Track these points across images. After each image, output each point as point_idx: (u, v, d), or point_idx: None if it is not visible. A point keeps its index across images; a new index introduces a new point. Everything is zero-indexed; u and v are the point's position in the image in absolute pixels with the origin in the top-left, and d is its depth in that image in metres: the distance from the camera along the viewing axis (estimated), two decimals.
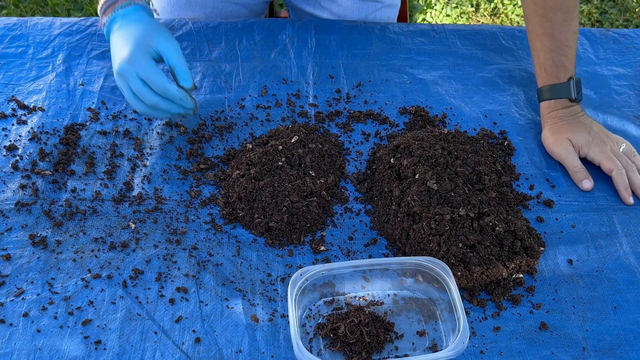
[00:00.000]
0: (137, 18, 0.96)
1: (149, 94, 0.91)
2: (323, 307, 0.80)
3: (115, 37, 0.95)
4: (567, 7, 1.01)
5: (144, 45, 0.92)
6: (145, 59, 0.91)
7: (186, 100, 0.93)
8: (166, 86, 0.91)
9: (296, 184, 0.90)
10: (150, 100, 0.91)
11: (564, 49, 1.03)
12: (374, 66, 1.17)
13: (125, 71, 0.91)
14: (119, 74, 0.92)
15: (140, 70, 0.90)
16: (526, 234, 0.86)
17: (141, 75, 0.90)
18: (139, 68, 0.91)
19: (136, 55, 0.91)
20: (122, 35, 0.94)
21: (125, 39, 0.93)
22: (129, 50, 0.91)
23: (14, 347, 0.74)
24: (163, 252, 0.85)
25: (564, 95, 1.03)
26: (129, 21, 0.96)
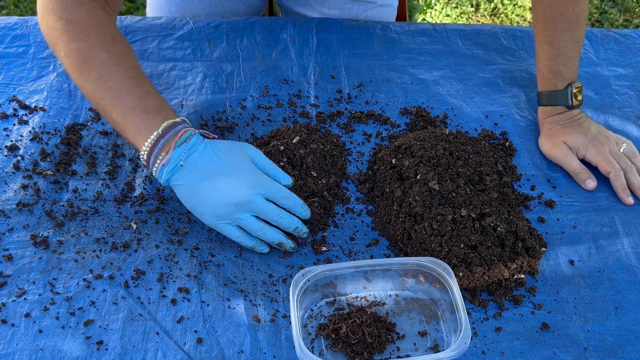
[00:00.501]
0: (210, 153, 0.83)
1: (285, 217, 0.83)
2: (325, 308, 0.80)
3: (192, 179, 0.82)
4: (569, 18, 1.00)
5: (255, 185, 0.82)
6: (269, 180, 0.84)
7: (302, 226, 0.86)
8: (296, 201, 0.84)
9: (298, 185, 0.90)
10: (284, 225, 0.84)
11: (563, 58, 1.02)
12: (375, 66, 1.17)
13: (252, 196, 0.81)
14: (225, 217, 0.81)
15: (267, 190, 0.82)
16: (527, 235, 0.86)
17: (255, 211, 0.82)
18: (265, 188, 0.82)
19: (251, 171, 0.83)
20: (206, 177, 0.82)
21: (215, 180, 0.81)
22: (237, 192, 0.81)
23: (16, 348, 0.74)
24: (165, 253, 0.85)
25: (561, 102, 1.03)
26: (204, 158, 0.83)
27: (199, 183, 0.82)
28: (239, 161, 0.84)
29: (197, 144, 0.84)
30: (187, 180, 0.83)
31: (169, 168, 0.82)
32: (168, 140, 0.83)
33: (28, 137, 0.98)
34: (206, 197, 0.82)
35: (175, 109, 1.05)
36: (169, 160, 0.82)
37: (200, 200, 0.83)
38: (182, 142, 0.83)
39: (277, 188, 0.85)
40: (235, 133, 1.03)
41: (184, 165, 0.82)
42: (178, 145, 0.82)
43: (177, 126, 0.84)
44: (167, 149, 0.82)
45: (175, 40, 1.18)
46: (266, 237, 0.84)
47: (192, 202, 0.84)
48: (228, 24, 1.22)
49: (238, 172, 0.83)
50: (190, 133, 0.84)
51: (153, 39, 1.18)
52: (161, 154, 0.83)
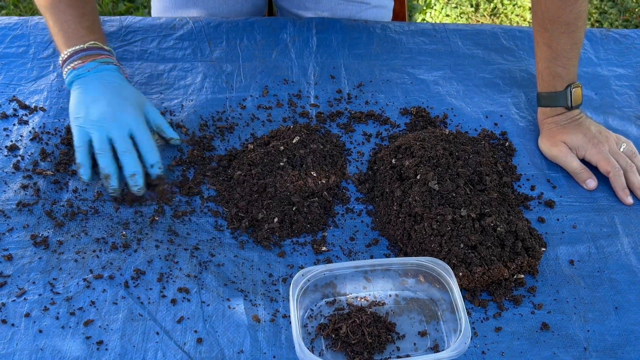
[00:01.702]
0: (117, 77, 0.96)
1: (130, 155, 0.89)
2: (324, 308, 0.80)
3: (94, 85, 0.93)
4: (567, 20, 0.99)
5: (139, 103, 0.94)
6: (143, 121, 0.92)
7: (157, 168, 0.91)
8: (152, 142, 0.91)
9: (298, 185, 0.90)
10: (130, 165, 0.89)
11: (562, 60, 1.02)
12: (375, 66, 1.17)
13: (113, 124, 0.89)
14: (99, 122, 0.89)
15: (136, 124, 0.91)
16: (527, 235, 0.86)
17: (134, 129, 0.90)
18: (135, 122, 0.91)
19: (132, 109, 0.92)
20: (106, 87, 0.93)
21: (113, 91, 0.93)
22: (124, 103, 0.91)
23: (16, 348, 0.74)
24: (165, 253, 0.85)
25: (560, 103, 1.03)
26: (111, 76, 0.95)
27: (91, 92, 0.92)
28: (135, 98, 0.94)
29: (112, 69, 0.96)
30: (84, 87, 0.93)
31: (76, 72, 0.94)
32: (89, 55, 0.96)
33: (28, 137, 0.98)
34: (87, 104, 0.91)
35: (175, 109, 1.06)
36: (82, 66, 0.94)
37: (80, 104, 0.91)
38: (101, 63, 0.95)
39: (144, 133, 0.91)
40: (235, 133, 1.03)
41: (89, 72, 0.94)
42: (96, 61, 0.95)
43: (103, 50, 0.97)
44: (84, 59, 0.95)
45: (175, 41, 1.18)
46: (100, 160, 0.89)
47: (74, 105, 0.92)
48: (228, 24, 1.22)
49: (126, 103, 0.92)
50: (109, 60, 0.97)
51: (153, 39, 1.18)
52: (76, 61, 0.95)
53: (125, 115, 0.91)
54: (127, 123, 0.90)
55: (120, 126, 0.90)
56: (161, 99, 1.07)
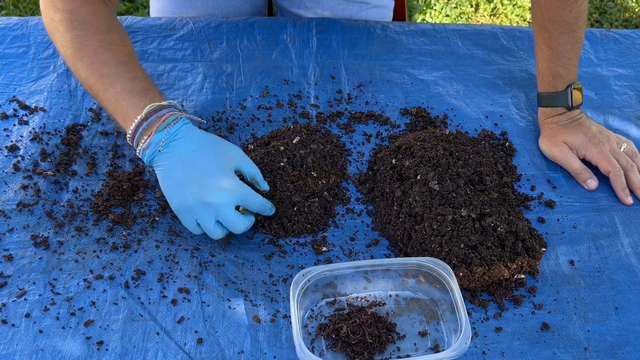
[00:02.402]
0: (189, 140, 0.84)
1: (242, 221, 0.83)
2: (325, 308, 0.80)
3: (171, 166, 0.83)
4: (567, 20, 0.99)
5: (229, 166, 0.84)
6: (245, 189, 0.83)
7: (268, 206, 0.86)
8: (264, 203, 0.85)
9: (298, 185, 0.90)
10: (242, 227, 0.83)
11: (562, 60, 1.02)
12: (375, 66, 1.17)
13: (222, 200, 0.81)
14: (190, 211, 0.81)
15: (239, 196, 0.82)
16: (528, 235, 0.86)
17: (242, 201, 0.83)
18: (238, 194, 0.82)
19: (230, 179, 0.82)
20: (183, 167, 0.82)
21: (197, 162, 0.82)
22: (218, 176, 0.82)
23: (16, 348, 0.74)
24: (165, 253, 0.85)
25: (561, 103, 1.03)
26: (184, 144, 0.83)
27: (175, 172, 0.82)
28: (221, 161, 0.84)
29: (181, 130, 0.84)
30: (166, 167, 0.83)
31: (149, 152, 0.83)
32: (151, 123, 0.83)
33: (28, 138, 0.98)
34: (178, 187, 0.82)
35: None
36: (150, 143, 0.83)
37: (173, 189, 0.83)
38: (165, 127, 0.83)
39: (252, 198, 0.84)
40: (235, 133, 1.03)
41: (162, 151, 0.83)
42: (160, 129, 0.83)
43: (162, 110, 0.84)
44: (149, 132, 0.83)
45: (176, 41, 1.18)
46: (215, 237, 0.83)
47: (165, 186, 0.84)
48: (228, 24, 1.22)
49: (216, 172, 0.82)
50: (175, 117, 0.84)
51: (153, 39, 1.18)
52: (143, 137, 0.84)
53: (221, 196, 0.81)
54: (230, 203, 0.81)
55: (224, 209, 0.81)
56: None
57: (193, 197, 0.81)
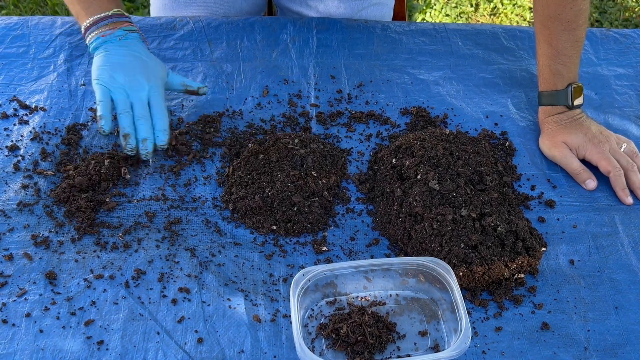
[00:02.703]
0: (142, 47, 1.01)
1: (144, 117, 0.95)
2: (325, 308, 0.80)
3: (121, 52, 0.98)
4: (567, 18, 1.00)
5: (160, 71, 0.99)
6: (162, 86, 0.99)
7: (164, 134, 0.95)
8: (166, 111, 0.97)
9: (298, 185, 0.90)
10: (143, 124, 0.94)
11: (562, 58, 1.02)
12: (375, 66, 1.18)
13: (134, 90, 0.95)
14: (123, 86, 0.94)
15: (154, 92, 0.96)
16: (528, 234, 0.86)
17: (152, 96, 0.96)
18: (154, 89, 0.96)
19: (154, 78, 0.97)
20: (132, 55, 0.98)
21: (137, 60, 0.98)
22: (147, 71, 0.97)
23: (17, 348, 0.74)
24: (165, 253, 0.85)
25: (561, 102, 1.03)
26: (136, 46, 1.00)
27: (117, 56, 0.97)
28: (156, 69, 1.00)
29: (137, 38, 1.01)
30: (110, 51, 0.97)
31: (104, 39, 0.99)
32: (117, 21, 1.00)
33: (28, 137, 0.98)
34: (111, 65, 0.96)
35: (176, 109, 1.06)
36: (113, 34, 0.99)
37: (105, 65, 0.96)
38: (128, 31, 1.00)
39: (159, 100, 0.96)
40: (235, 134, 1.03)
41: (122, 38, 0.99)
42: (123, 29, 1.00)
43: (125, 18, 1.02)
44: (113, 26, 1.00)
45: (176, 41, 1.18)
46: (121, 120, 0.93)
47: (98, 63, 0.96)
48: (228, 24, 1.22)
49: (149, 70, 0.98)
50: (133, 28, 1.02)
51: (153, 39, 1.18)
52: (104, 27, 0.99)
53: (146, 82, 0.96)
54: (147, 90, 0.96)
55: (141, 92, 0.95)
56: None
57: (120, 73, 0.95)
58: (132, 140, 0.93)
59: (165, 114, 0.96)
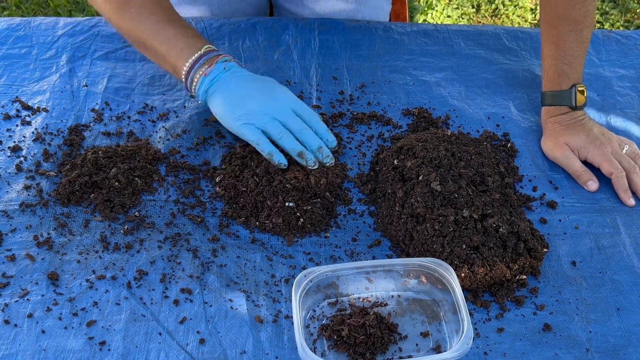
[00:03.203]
0: (245, 71, 0.96)
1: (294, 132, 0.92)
2: (327, 308, 0.80)
3: (235, 84, 0.93)
4: (575, 18, 1.00)
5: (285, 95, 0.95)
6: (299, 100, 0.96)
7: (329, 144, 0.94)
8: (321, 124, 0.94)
9: (300, 186, 0.90)
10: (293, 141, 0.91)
11: (568, 58, 1.02)
12: (377, 67, 1.18)
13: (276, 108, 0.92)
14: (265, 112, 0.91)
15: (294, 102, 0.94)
16: (529, 236, 0.86)
17: (295, 108, 0.93)
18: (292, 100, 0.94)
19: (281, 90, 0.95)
20: (247, 81, 0.94)
21: (255, 82, 0.94)
22: (272, 88, 0.94)
23: (19, 348, 0.74)
24: (167, 253, 0.85)
25: (565, 102, 1.03)
26: (241, 72, 0.95)
27: (235, 90, 0.93)
28: (278, 84, 0.96)
29: (237, 66, 0.96)
30: (225, 88, 0.93)
31: (210, 77, 0.93)
32: (210, 57, 0.95)
33: (31, 138, 0.99)
34: (239, 100, 0.92)
35: (178, 110, 1.06)
36: (212, 70, 0.93)
37: (233, 104, 0.92)
38: (224, 61, 0.95)
39: (305, 107, 0.93)
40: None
41: (225, 71, 0.93)
42: (220, 62, 0.94)
43: (217, 52, 0.96)
44: (209, 63, 0.94)
45: None
46: (286, 143, 0.90)
47: (224, 106, 0.92)
48: (230, 25, 1.23)
49: (274, 87, 0.95)
50: (229, 58, 0.96)
51: None
52: (203, 67, 0.94)
53: (281, 97, 0.93)
54: (287, 104, 0.93)
55: (284, 108, 0.92)
56: (164, 100, 1.07)
57: (253, 104, 0.91)
58: (309, 155, 0.90)
59: (317, 116, 0.95)
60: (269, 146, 0.90)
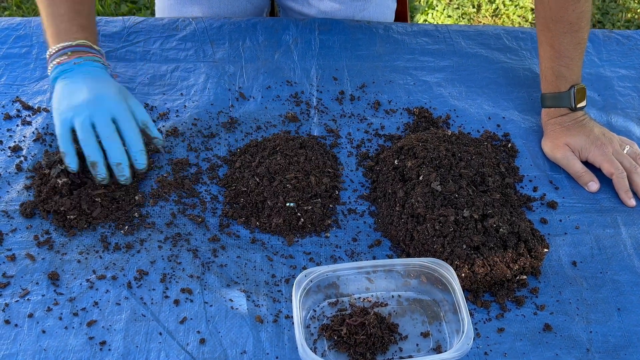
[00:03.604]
0: (103, 73, 0.94)
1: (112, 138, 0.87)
2: (327, 309, 0.80)
3: (78, 78, 0.91)
4: (570, 20, 0.99)
5: (123, 94, 0.91)
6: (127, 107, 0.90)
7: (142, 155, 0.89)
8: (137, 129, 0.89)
9: (300, 186, 0.90)
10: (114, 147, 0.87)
11: (565, 60, 1.02)
12: (378, 67, 1.18)
13: (96, 108, 0.87)
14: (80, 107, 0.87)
15: (119, 110, 0.88)
16: (530, 236, 0.86)
17: (117, 115, 0.88)
18: (118, 108, 0.88)
19: (115, 97, 0.89)
20: (90, 79, 0.91)
21: (96, 82, 0.91)
22: (105, 93, 0.89)
23: (19, 348, 0.74)
24: (167, 253, 0.85)
25: (564, 104, 1.03)
26: (96, 72, 0.93)
27: (75, 85, 0.91)
28: (118, 93, 0.91)
29: (99, 67, 0.95)
30: (69, 80, 0.92)
31: (62, 67, 0.93)
32: (77, 51, 0.94)
33: (31, 138, 0.99)
34: (68, 94, 0.90)
35: (178, 109, 1.06)
36: (68, 61, 0.93)
37: (63, 95, 0.90)
38: (87, 60, 0.94)
39: (128, 121, 0.89)
40: (236, 134, 1.03)
41: (76, 65, 0.92)
42: (84, 58, 0.94)
43: (91, 49, 0.96)
44: (72, 55, 0.93)
45: (178, 41, 1.18)
46: (86, 148, 0.86)
47: (57, 96, 0.91)
48: (230, 24, 1.23)
49: (110, 93, 0.90)
50: (97, 59, 0.95)
51: (155, 40, 1.18)
52: (64, 56, 0.93)
53: (107, 101, 0.88)
54: (109, 108, 0.88)
55: (103, 111, 0.87)
56: (164, 100, 1.07)
57: (78, 98, 0.88)
58: (100, 169, 0.86)
59: (137, 132, 0.88)
60: (65, 145, 0.87)
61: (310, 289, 0.78)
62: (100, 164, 0.86)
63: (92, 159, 0.86)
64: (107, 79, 0.94)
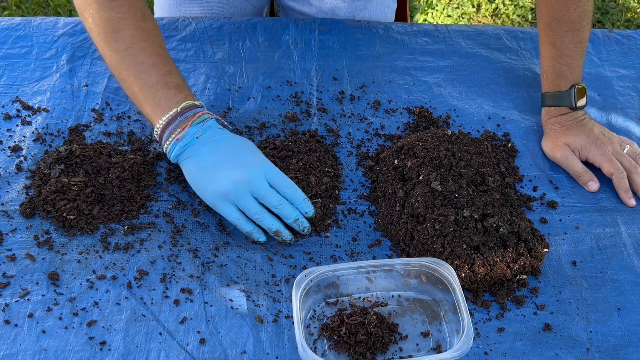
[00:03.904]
0: (223, 133, 0.88)
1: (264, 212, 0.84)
2: (327, 308, 0.80)
3: (206, 151, 0.85)
4: (572, 19, 1.00)
5: (252, 149, 0.87)
6: (274, 167, 0.86)
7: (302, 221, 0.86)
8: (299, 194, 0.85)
9: (300, 186, 0.90)
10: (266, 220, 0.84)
11: (566, 59, 1.02)
12: (378, 67, 1.18)
13: (250, 183, 0.83)
14: (237, 189, 0.83)
15: (269, 172, 0.84)
16: (530, 235, 0.86)
17: (270, 178, 0.84)
18: (267, 170, 0.84)
19: (263, 161, 0.85)
20: (220, 149, 0.85)
21: (228, 151, 0.85)
22: (245, 159, 0.85)
23: (19, 348, 0.74)
24: (167, 253, 0.85)
25: (565, 103, 1.03)
26: (217, 135, 0.86)
27: (207, 158, 0.85)
28: (252, 150, 0.87)
29: (214, 126, 0.88)
30: (197, 155, 0.85)
31: (182, 143, 0.86)
32: (186, 118, 0.86)
33: (31, 138, 0.99)
34: (211, 173, 0.84)
35: None
36: (184, 135, 0.85)
37: (205, 176, 0.85)
38: (199, 122, 0.86)
39: (280, 176, 0.86)
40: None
41: (198, 139, 0.85)
42: (195, 123, 0.86)
43: (195, 108, 0.88)
44: (183, 126, 0.86)
45: (178, 42, 1.18)
46: (264, 222, 0.85)
47: (197, 177, 0.86)
48: (230, 25, 1.23)
49: (247, 155, 0.86)
50: (207, 116, 0.88)
51: None
52: (177, 130, 0.86)
53: (253, 167, 0.84)
54: (260, 174, 0.84)
55: (258, 182, 0.84)
56: None
57: (226, 178, 0.83)
58: (285, 234, 0.85)
59: (291, 183, 0.86)
60: (247, 225, 0.85)
61: (310, 289, 0.78)
62: (282, 228, 0.85)
63: (275, 229, 0.85)
64: (233, 141, 0.87)
